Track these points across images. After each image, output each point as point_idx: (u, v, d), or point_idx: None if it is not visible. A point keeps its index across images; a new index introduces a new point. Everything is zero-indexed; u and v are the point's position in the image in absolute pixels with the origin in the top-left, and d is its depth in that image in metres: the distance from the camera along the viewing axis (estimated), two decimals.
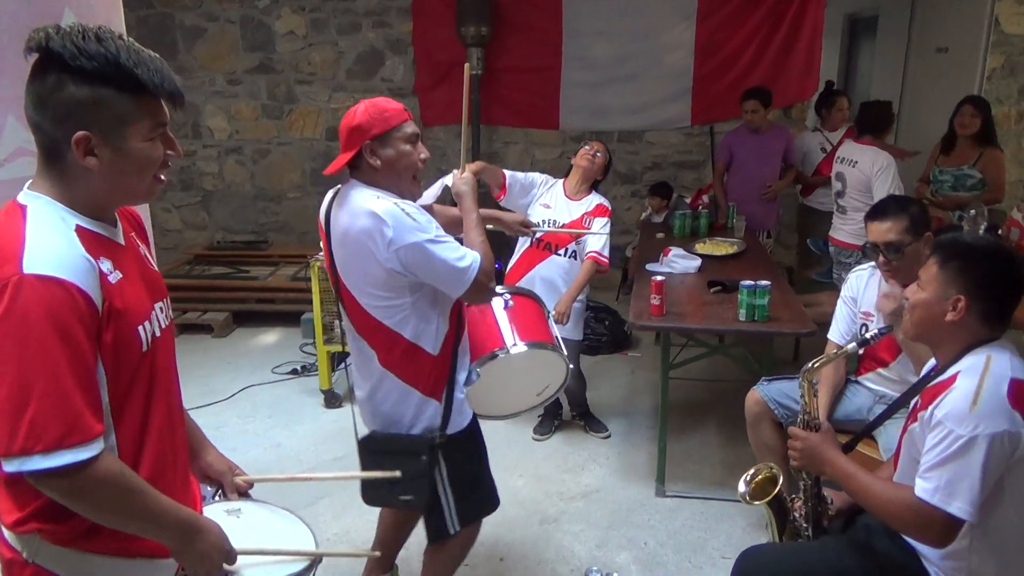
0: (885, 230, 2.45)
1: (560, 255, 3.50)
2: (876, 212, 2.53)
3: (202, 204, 6.28)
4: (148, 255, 1.41)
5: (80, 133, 1.13)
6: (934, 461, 1.55)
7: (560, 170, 5.99)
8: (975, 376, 1.58)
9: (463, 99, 2.32)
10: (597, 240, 3.44)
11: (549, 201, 3.54)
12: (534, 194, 3.56)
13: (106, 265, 1.19)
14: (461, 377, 2.11)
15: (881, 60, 6.65)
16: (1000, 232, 3.73)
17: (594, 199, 3.57)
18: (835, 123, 4.90)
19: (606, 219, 3.50)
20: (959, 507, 1.52)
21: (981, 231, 3.64)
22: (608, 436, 3.75)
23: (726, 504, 3.15)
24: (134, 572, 1.30)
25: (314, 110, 6.02)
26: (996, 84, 5.13)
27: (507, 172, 3.42)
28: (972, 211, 3.65)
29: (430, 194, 2.59)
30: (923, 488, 1.56)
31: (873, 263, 2.65)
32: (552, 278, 3.50)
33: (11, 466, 1.09)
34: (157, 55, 1.21)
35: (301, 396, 4.21)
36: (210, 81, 6.01)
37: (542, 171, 3.77)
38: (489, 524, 2.95)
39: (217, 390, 4.27)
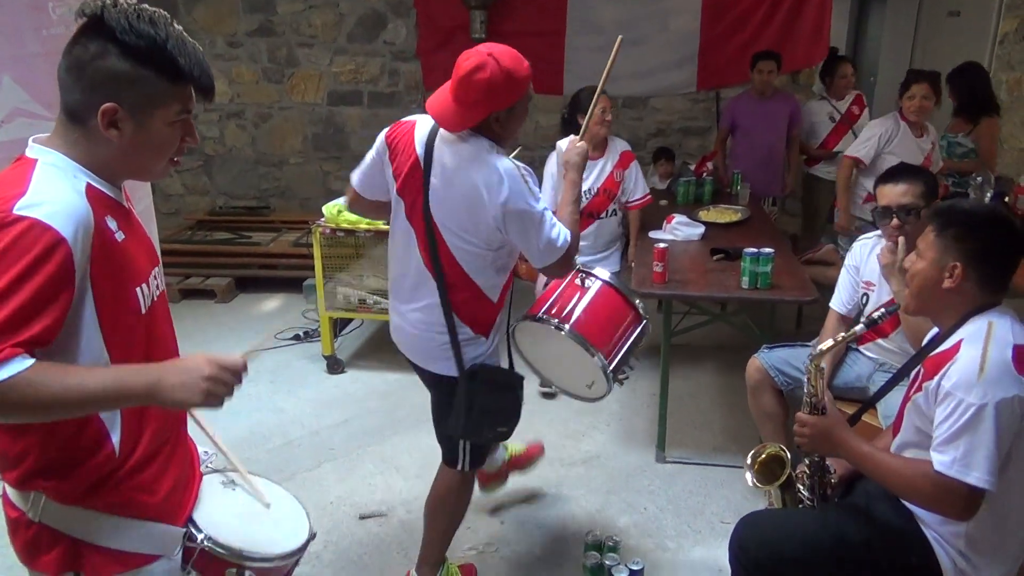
0: (900, 193, 2.45)
1: (604, 217, 3.64)
2: (891, 176, 2.53)
3: (203, 169, 6.24)
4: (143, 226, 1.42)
5: (109, 104, 1.16)
6: (947, 434, 1.55)
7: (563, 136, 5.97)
8: (979, 343, 1.58)
9: (607, 65, 2.34)
10: (634, 189, 3.66)
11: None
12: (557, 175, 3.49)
13: (113, 224, 1.21)
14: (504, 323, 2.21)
15: (892, 24, 6.54)
16: (1007, 199, 3.70)
17: (615, 148, 3.60)
18: (840, 91, 4.81)
19: (634, 167, 3.67)
20: (978, 477, 1.52)
21: (987, 199, 3.61)
22: (627, 377, 3.83)
23: (726, 470, 3.17)
24: (140, 535, 1.30)
25: (315, 74, 5.95)
26: (1008, 48, 5.04)
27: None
28: (979, 178, 3.62)
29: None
30: (940, 461, 1.56)
31: (878, 232, 2.63)
32: (602, 239, 3.68)
33: None
34: (199, 47, 1.24)
35: (303, 362, 4.22)
36: (210, 44, 5.92)
37: (544, 138, 3.75)
38: None
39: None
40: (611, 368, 2.24)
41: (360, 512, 2.90)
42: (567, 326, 2.20)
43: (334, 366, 4.10)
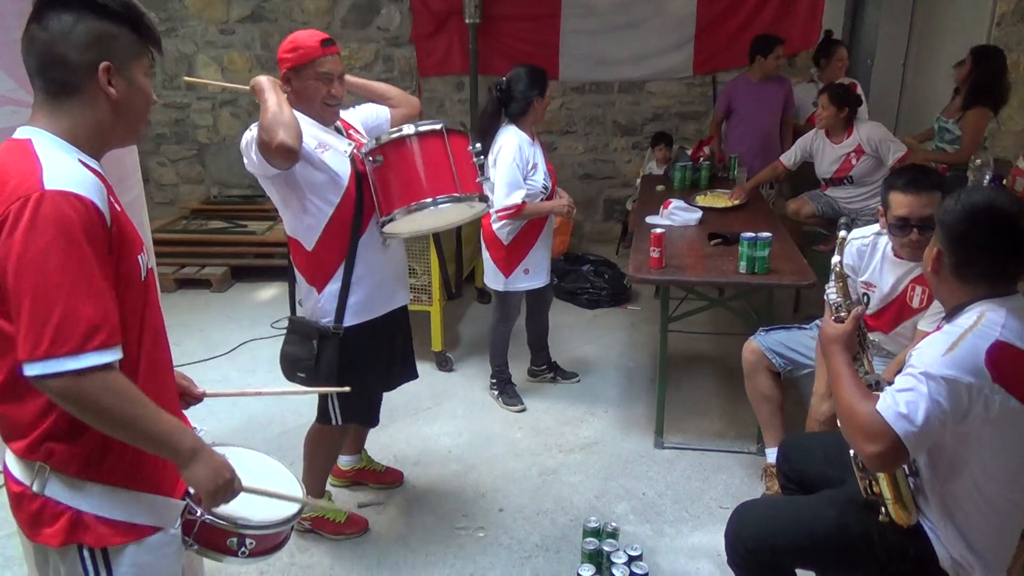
0: (923, 204, 2.23)
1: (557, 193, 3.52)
2: (911, 185, 2.27)
3: (197, 158, 6.21)
4: None
5: (106, 62, 1.22)
6: (897, 386, 1.55)
7: (558, 121, 5.95)
8: (960, 330, 1.56)
9: None
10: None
11: (534, 159, 3.30)
12: (523, 170, 3.29)
13: (115, 200, 1.27)
14: (359, 271, 2.35)
15: (889, 7, 6.49)
16: (1005, 182, 3.68)
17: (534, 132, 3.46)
18: (833, 75, 4.75)
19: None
20: (905, 429, 1.49)
21: (985, 182, 3.60)
22: (578, 380, 3.81)
23: (724, 455, 3.17)
24: (141, 506, 1.32)
25: None
26: (1006, 30, 5.00)
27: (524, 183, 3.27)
28: (978, 161, 3.60)
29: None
30: (882, 403, 1.54)
31: (876, 230, 2.51)
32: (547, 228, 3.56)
33: (34, 370, 1.12)
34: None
35: None
36: (202, 31, 5.87)
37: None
38: (488, 475, 3.00)
39: (217, 345, 4.28)
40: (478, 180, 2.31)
41: (357, 500, 2.90)
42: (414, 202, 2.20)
43: None
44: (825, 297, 1.84)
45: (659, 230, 3.11)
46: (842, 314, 1.80)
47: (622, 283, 4.89)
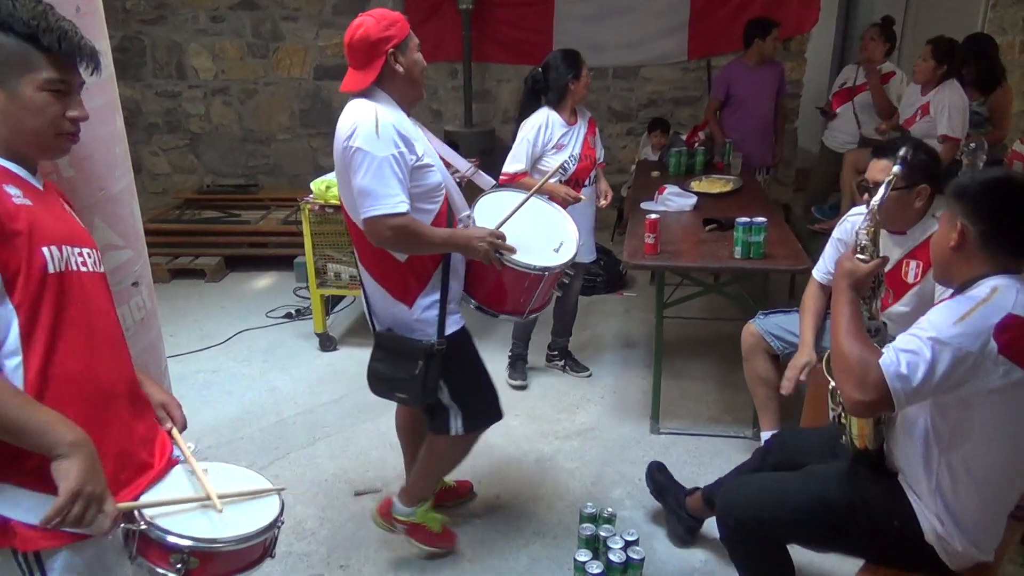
0: (880, 168, 2.38)
1: (587, 184, 3.50)
2: (882, 149, 2.47)
3: (190, 147, 6.17)
4: (74, 216, 1.47)
5: None
6: (901, 345, 1.56)
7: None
8: (973, 301, 1.58)
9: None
10: (600, 152, 3.64)
11: (562, 140, 3.34)
12: (541, 148, 3.37)
13: (13, 191, 1.26)
14: (453, 287, 2.23)
15: None
16: (1002, 165, 3.68)
17: (584, 114, 3.49)
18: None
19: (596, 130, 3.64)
20: (899, 387, 1.52)
21: (980, 165, 3.59)
22: (590, 375, 3.79)
23: (719, 440, 3.18)
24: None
25: (301, 48, 5.86)
26: (1001, 12, 4.98)
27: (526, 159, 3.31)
28: (972, 144, 3.59)
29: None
30: (885, 358, 1.56)
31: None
32: (585, 208, 3.45)
33: None
34: (72, 23, 1.31)
35: (296, 340, 4.21)
36: (193, 19, 5.82)
37: None
38: (485, 462, 3.00)
39: (212, 335, 4.27)
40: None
41: (355, 488, 2.90)
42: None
43: (327, 344, 4.08)
44: (855, 232, 1.81)
45: (654, 216, 3.10)
46: (865, 257, 1.77)
47: (618, 269, 4.89)
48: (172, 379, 2.29)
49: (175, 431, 1.57)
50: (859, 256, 1.75)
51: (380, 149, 1.97)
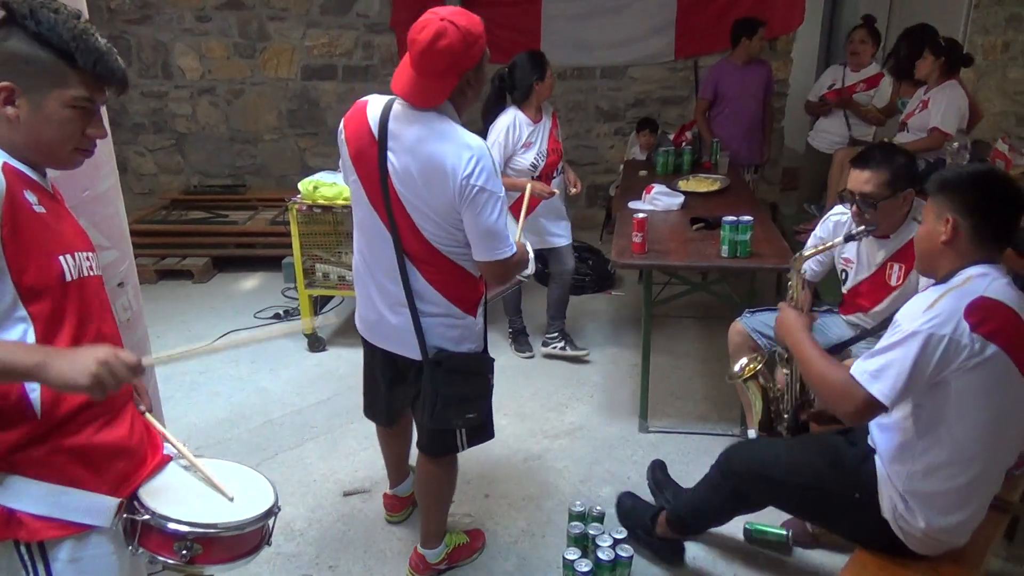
0: (864, 180, 2.38)
1: (556, 176, 3.74)
2: (860, 159, 2.43)
3: (176, 147, 6.13)
4: (75, 218, 1.48)
5: (4, 83, 1.25)
6: (875, 349, 1.68)
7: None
8: (944, 288, 1.65)
9: None
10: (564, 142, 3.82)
11: (530, 138, 3.58)
12: (512, 147, 3.59)
13: (32, 197, 1.28)
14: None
15: None
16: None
17: (547, 109, 3.69)
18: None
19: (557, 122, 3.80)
20: (879, 390, 1.63)
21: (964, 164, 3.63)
22: (587, 354, 3.91)
23: (708, 438, 3.20)
24: (66, 501, 1.30)
25: (288, 48, 5.83)
26: (983, 12, 5.03)
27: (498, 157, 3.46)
28: (955, 143, 3.62)
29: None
30: (857, 367, 1.68)
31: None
32: (556, 200, 3.75)
33: None
34: (110, 46, 1.32)
35: (284, 341, 4.19)
36: (179, 18, 5.78)
37: None
38: (474, 462, 3.00)
39: (199, 336, 4.25)
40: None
41: (343, 489, 2.89)
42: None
43: (315, 344, 4.07)
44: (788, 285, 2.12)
45: (641, 215, 3.11)
46: (797, 302, 2.06)
47: (606, 269, 4.90)
48: (159, 380, 2.28)
49: (161, 427, 1.59)
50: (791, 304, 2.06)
51: (500, 187, 1.92)
